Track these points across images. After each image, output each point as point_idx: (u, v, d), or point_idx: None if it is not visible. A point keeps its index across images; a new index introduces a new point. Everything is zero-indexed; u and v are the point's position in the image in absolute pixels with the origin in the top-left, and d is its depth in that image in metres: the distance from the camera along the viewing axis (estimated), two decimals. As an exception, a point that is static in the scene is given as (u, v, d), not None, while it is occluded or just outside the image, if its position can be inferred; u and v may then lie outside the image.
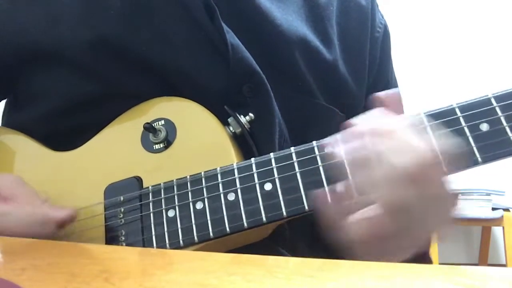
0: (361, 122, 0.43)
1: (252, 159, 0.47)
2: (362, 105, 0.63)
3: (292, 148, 0.46)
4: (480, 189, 2.51)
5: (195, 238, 0.46)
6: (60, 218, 0.47)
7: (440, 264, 2.35)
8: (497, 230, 2.88)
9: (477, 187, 2.53)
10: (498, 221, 2.45)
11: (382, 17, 0.68)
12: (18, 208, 0.47)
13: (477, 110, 0.41)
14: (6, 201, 0.48)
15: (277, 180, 0.45)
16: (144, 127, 0.51)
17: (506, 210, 2.46)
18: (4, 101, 0.67)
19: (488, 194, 2.48)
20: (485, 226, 2.81)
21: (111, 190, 0.51)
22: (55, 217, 0.47)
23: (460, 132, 0.41)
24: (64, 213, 0.47)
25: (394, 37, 0.72)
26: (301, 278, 0.28)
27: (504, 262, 2.67)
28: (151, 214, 0.48)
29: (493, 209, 2.47)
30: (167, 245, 0.47)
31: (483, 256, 2.90)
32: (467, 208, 2.46)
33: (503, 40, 2.90)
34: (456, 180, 0.41)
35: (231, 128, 0.51)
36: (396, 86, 0.70)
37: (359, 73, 0.62)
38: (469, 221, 2.49)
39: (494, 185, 2.54)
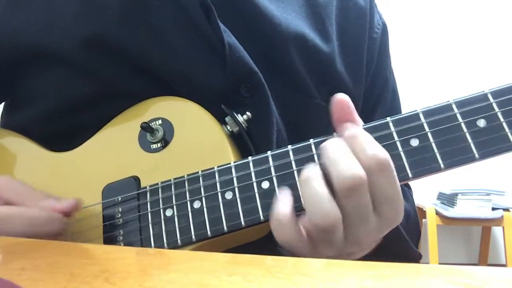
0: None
1: (250, 157, 0.46)
2: (360, 106, 0.63)
3: (289, 146, 0.46)
4: (480, 189, 2.51)
5: (193, 237, 0.46)
6: (65, 208, 0.47)
7: (440, 264, 2.35)
8: (497, 230, 2.89)
9: (477, 187, 2.53)
10: (498, 221, 2.45)
11: (380, 17, 0.68)
12: (22, 210, 0.46)
13: (474, 106, 0.41)
14: (7, 204, 0.47)
15: (274, 178, 0.45)
16: (141, 126, 0.51)
17: (506, 210, 2.46)
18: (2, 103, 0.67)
19: (488, 194, 2.49)
20: (485, 226, 2.81)
21: (109, 190, 0.51)
22: (60, 208, 0.47)
23: (457, 129, 0.41)
24: (65, 204, 0.47)
25: (393, 37, 0.72)
26: (301, 278, 0.28)
27: (504, 262, 2.68)
28: (149, 214, 0.48)
29: (493, 209, 2.48)
30: (165, 245, 0.47)
31: (483, 256, 2.90)
32: (467, 208, 2.47)
33: (500, 39, 2.91)
34: (457, 180, 0.41)
35: (228, 127, 0.51)
36: (394, 84, 0.70)
37: (357, 73, 0.62)
38: (469, 221, 2.49)
39: (494, 185, 2.55)
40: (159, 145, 0.51)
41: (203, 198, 0.46)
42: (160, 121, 0.52)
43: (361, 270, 0.30)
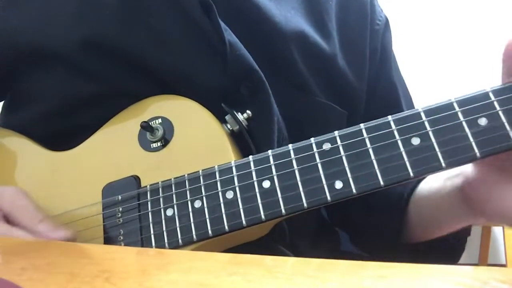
0: None
1: (250, 156, 0.46)
2: (363, 100, 0.63)
3: (290, 145, 0.45)
4: (480, 189, 2.50)
5: (194, 236, 0.46)
6: (57, 238, 0.46)
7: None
8: (497, 230, 2.88)
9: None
10: (498, 221, 2.45)
11: (382, 11, 0.68)
12: (13, 230, 0.46)
13: (475, 105, 0.41)
14: (3, 219, 0.47)
15: (275, 178, 0.45)
16: (141, 125, 0.50)
17: (506, 209, 2.45)
18: (1, 102, 0.67)
19: (488, 194, 2.48)
20: (485, 226, 2.81)
21: (109, 190, 0.51)
22: (50, 238, 0.46)
23: (458, 127, 0.41)
24: (60, 234, 0.46)
25: (395, 34, 0.72)
26: (301, 278, 0.28)
27: (504, 262, 2.67)
28: (149, 213, 0.48)
29: (493, 208, 2.47)
30: (166, 244, 0.47)
31: (483, 256, 2.90)
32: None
33: (503, 38, 2.90)
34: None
35: (228, 126, 0.51)
36: (400, 80, 0.70)
37: (359, 66, 0.62)
38: (469, 221, 2.48)
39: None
40: (159, 144, 0.51)
41: (204, 198, 0.46)
42: (160, 120, 0.52)
43: (361, 270, 0.30)
